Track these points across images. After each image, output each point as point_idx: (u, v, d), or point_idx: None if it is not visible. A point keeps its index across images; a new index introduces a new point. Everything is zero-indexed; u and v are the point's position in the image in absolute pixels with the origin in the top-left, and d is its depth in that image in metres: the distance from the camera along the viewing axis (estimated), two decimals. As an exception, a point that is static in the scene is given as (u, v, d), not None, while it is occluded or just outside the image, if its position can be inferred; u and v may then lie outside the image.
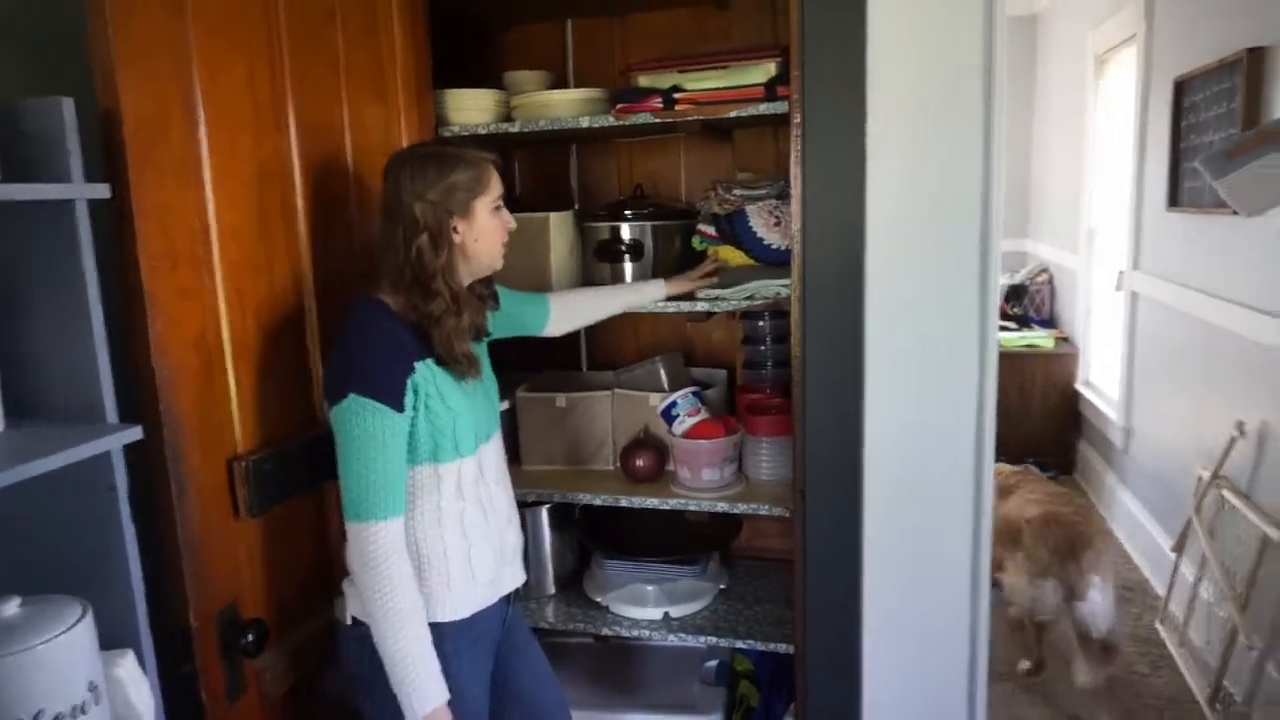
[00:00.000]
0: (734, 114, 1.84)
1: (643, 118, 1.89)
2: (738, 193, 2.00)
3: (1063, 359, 4.60)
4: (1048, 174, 5.21)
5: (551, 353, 2.23)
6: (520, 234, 1.56)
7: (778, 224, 1.94)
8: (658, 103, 1.88)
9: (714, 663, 2.19)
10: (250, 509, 1.40)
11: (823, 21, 1.63)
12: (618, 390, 2.17)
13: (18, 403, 1.12)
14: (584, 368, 2.49)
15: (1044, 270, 5.18)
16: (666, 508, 2.01)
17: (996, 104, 1.57)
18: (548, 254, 2.05)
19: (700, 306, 1.95)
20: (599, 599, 2.14)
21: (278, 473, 1.45)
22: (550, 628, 2.11)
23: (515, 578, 1.59)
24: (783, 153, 1.84)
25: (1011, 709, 2.68)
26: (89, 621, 1.04)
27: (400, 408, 1.34)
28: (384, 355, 1.36)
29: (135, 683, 1.13)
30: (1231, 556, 2.59)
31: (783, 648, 1.96)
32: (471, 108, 1.99)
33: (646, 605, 2.08)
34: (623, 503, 2.03)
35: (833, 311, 1.72)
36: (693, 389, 2.07)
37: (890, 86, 1.60)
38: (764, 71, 1.83)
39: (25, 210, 1.08)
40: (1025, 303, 5.10)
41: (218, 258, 1.35)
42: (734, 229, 1.99)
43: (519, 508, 1.65)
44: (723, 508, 1.99)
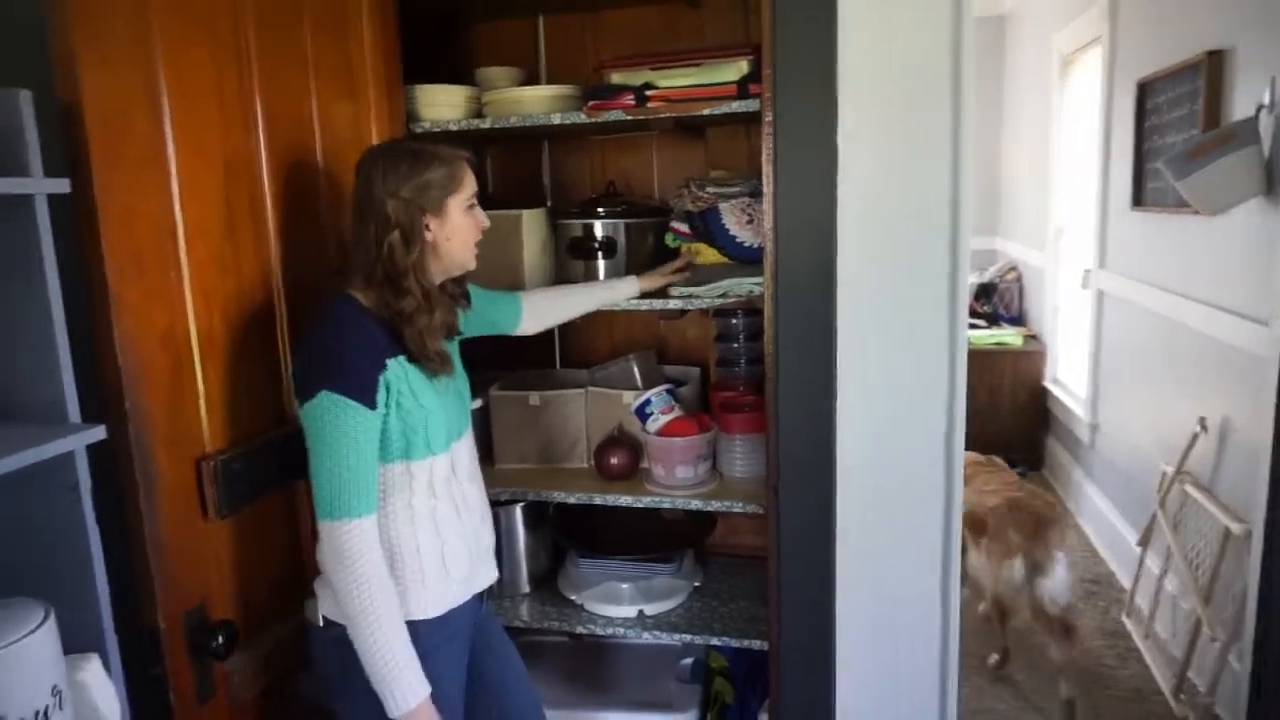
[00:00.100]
0: (706, 112, 1.84)
1: (615, 115, 1.89)
2: (711, 190, 2.01)
3: (1031, 356, 4.67)
4: (1016, 173, 5.28)
5: (525, 351, 2.22)
6: (493, 231, 1.55)
7: (750, 221, 1.95)
8: (630, 100, 1.88)
9: (689, 660, 2.20)
10: (219, 509, 1.38)
11: (794, 20, 1.64)
12: (591, 388, 2.17)
13: (-23, 402, 1.10)
14: (557, 365, 2.49)
15: (1013, 268, 5.25)
16: (641, 505, 2.01)
17: (965, 103, 1.59)
18: (520, 251, 2.04)
19: (674, 304, 1.95)
20: (574, 597, 2.13)
21: (247, 472, 1.44)
22: (525, 626, 2.10)
23: (489, 575, 1.59)
24: (755, 150, 1.84)
25: (982, 701, 2.71)
26: (51, 625, 1.02)
27: (373, 405, 1.33)
28: (356, 352, 1.34)
29: (100, 686, 1.11)
30: (1195, 550, 2.64)
31: (757, 644, 1.97)
32: (443, 104, 1.98)
33: (621, 603, 2.08)
34: (597, 501, 2.02)
35: (805, 309, 1.73)
36: (666, 387, 2.07)
37: (861, 85, 1.62)
38: (736, 69, 1.84)
39: (-16, 206, 1.06)
40: (994, 301, 5.16)
41: (184, 254, 1.32)
42: (707, 226, 1.99)
43: (493, 506, 1.65)
44: (697, 505, 1.99)
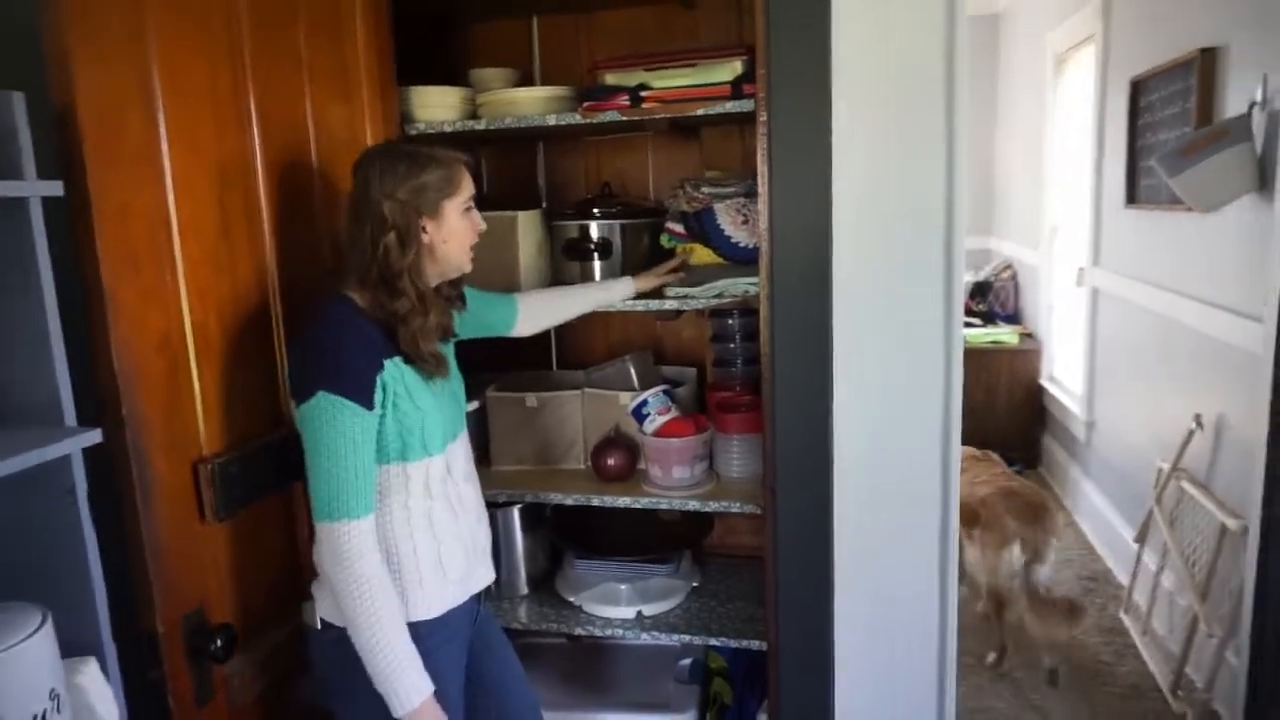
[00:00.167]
0: (701, 112, 1.84)
1: (610, 116, 1.89)
2: (706, 190, 2.01)
3: (1027, 354, 4.67)
4: (1011, 171, 5.29)
5: (521, 352, 2.22)
6: (488, 233, 1.55)
7: (745, 222, 1.95)
8: (625, 101, 1.88)
9: (687, 661, 2.20)
10: (217, 512, 1.38)
11: (788, 21, 1.64)
12: (588, 389, 2.17)
13: (-27, 406, 1.10)
14: (554, 367, 2.49)
15: (1008, 267, 5.25)
16: (638, 506, 2.01)
17: (959, 102, 1.59)
18: (516, 253, 2.04)
19: (669, 305, 1.95)
20: (572, 599, 2.13)
21: (244, 475, 1.43)
22: (523, 628, 2.10)
23: (486, 576, 1.59)
24: (750, 150, 1.85)
25: (980, 700, 2.71)
26: (49, 629, 1.02)
27: (370, 405, 1.32)
28: (353, 352, 1.34)
29: (99, 690, 1.10)
30: (1191, 546, 2.64)
31: (755, 644, 1.97)
32: (437, 105, 1.98)
33: (619, 604, 2.08)
34: (594, 502, 2.02)
35: (801, 309, 1.73)
36: (663, 387, 2.07)
37: (855, 85, 1.62)
38: (730, 70, 1.84)
39: (-23, 209, 1.05)
40: (990, 299, 5.17)
41: (179, 254, 1.32)
42: (702, 227, 1.99)
43: (490, 508, 1.64)
44: (694, 506, 1.99)
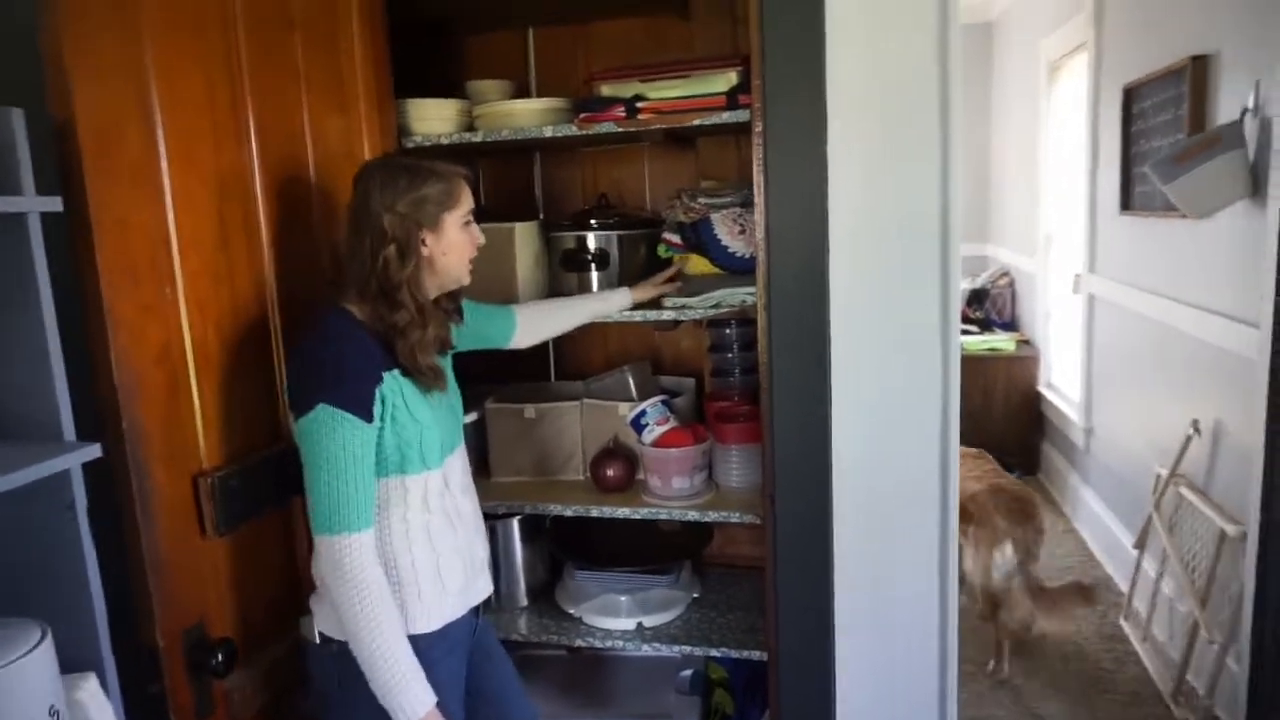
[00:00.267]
0: (696, 122, 1.85)
1: (606, 127, 1.90)
2: (702, 201, 2.02)
3: (1024, 361, 4.68)
4: (1006, 178, 5.31)
5: (519, 363, 2.22)
6: (486, 245, 1.55)
7: (742, 232, 1.95)
8: (621, 112, 1.89)
9: (688, 672, 2.19)
10: (217, 526, 1.38)
11: (782, 31, 1.65)
12: (586, 400, 2.17)
13: (-28, 422, 1.10)
14: (552, 378, 2.49)
15: (1005, 274, 5.27)
16: (638, 517, 2.01)
17: (953, 110, 1.60)
18: (513, 264, 2.04)
19: (667, 315, 1.95)
20: (572, 610, 2.12)
21: (244, 489, 1.43)
22: (523, 640, 2.09)
23: (484, 588, 1.58)
24: (745, 160, 1.85)
25: (982, 708, 2.71)
26: (49, 644, 1.02)
27: (370, 418, 1.32)
28: (353, 364, 1.34)
29: (98, 706, 1.10)
30: (1191, 552, 2.64)
31: (756, 655, 1.96)
32: (434, 117, 1.99)
33: (619, 616, 2.08)
34: (593, 513, 2.02)
35: (798, 318, 1.73)
36: (661, 398, 2.07)
37: (849, 94, 1.63)
38: (725, 80, 1.85)
39: (-24, 225, 1.06)
40: (987, 306, 5.18)
41: (179, 267, 1.33)
42: (699, 237, 2.00)
43: (489, 520, 1.64)
44: (693, 516, 1.99)
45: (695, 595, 2.19)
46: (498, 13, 2.28)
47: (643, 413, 2.02)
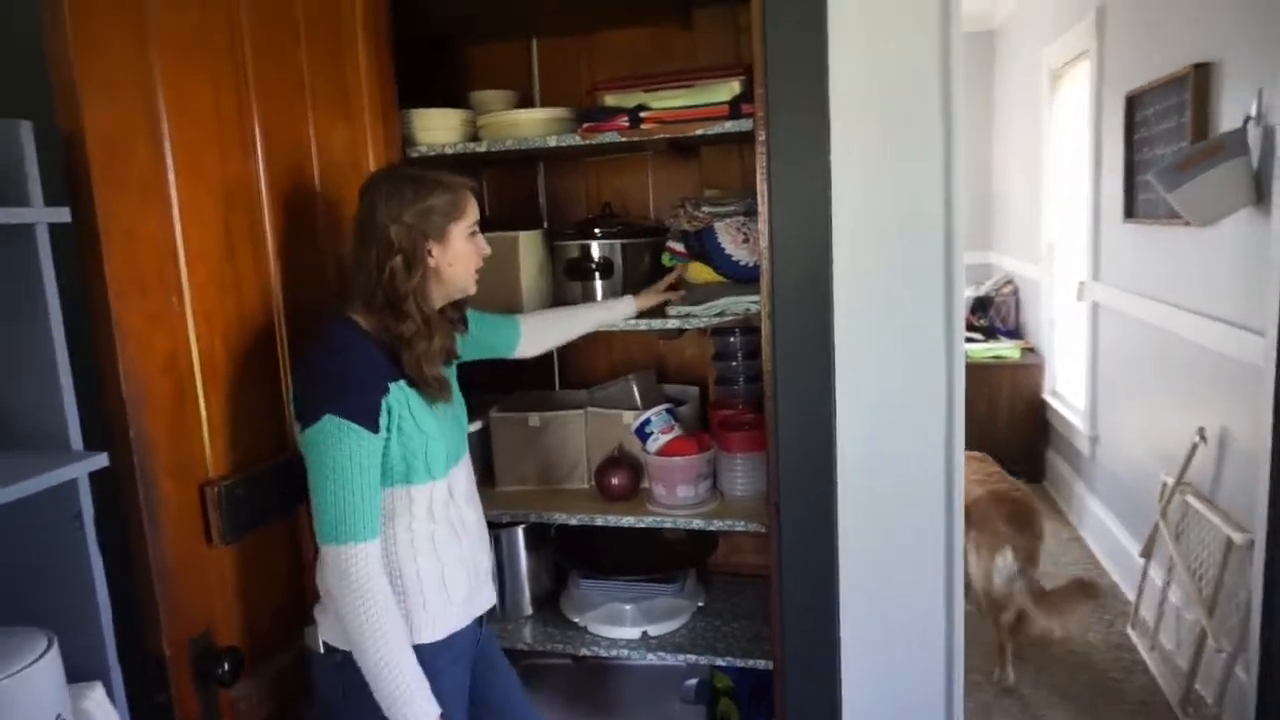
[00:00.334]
0: (699, 132, 1.86)
1: (610, 137, 1.90)
2: (706, 209, 2.02)
3: (1029, 369, 4.67)
4: (1009, 186, 5.31)
5: (524, 372, 2.23)
6: (490, 254, 1.56)
7: (746, 240, 1.96)
8: (624, 122, 1.89)
9: (694, 681, 2.19)
10: (223, 535, 1.38)
11: (785, 40, 1.66)
12: (591, 409, 2.17)
13: (-20, 431, 1.10)
14: (557, 386, 2.49)
15: (1009, 282, 5.27)
16: (642, 526, 2.01)
17: (956, 118, 1.61)
18: (518, 273, 2.05)
19: (672, 324, 1.96)
20: (577, 619, 2.12)
21: (251, 497, 1.43)
22: (528, 649, 2.09)
23: (488, 598, 1.58)
24: (749, 169, 1.86)
25: (987, 717, 2.69)
26: (55, 653, 1.02)
27: (376, 428, 1.33)
28: (359, 374, 1.35)
29: (105, 715, 1.10)
30: (1198, 560, 2.63)
31: (761, 664, 1.95)
32: (438, 127, 2.00)
33: (624, 624, 2.07)
34: (598, 521, 2.02)
35: (802, 326, 1.73)
36: (666, 406, 2.07)
37: (852, 103, 1.63)
38: (728, 90, 1.86)
39: (-14, 236, 1.06)
40: (991, 314, 5.18)
41: (185, 278, 1.33)
42: (703, 246, 2.00)
43: (494, 529, 1.64)
44: (698, 525, 1.99)
45: (700, 604, 2.19)
46: (501, 24, 2.29)
47: (647, 421, 2.02)
